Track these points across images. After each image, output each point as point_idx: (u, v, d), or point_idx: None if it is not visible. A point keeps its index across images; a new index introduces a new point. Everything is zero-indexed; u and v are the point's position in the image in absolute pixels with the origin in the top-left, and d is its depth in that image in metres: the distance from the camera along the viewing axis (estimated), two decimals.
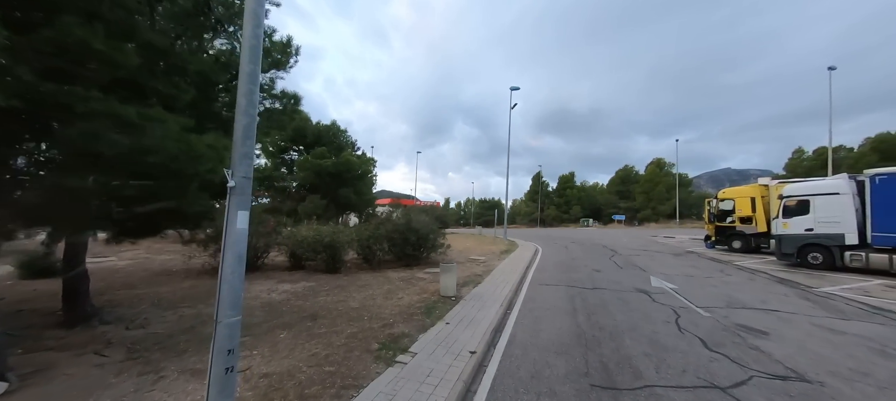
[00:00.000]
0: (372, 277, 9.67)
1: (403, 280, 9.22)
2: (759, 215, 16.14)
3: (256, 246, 10.36)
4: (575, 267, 11.93)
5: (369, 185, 22.87)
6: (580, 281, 9.45)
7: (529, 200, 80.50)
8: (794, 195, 12.41)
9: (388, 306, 6.62)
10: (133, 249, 17.30)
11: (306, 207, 17.42)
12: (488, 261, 12.98)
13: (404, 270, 10.73)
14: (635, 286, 8.76)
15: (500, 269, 11.13)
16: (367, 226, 11.56)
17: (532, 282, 9.45)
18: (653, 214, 60.21)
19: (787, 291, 8.52)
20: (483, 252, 15.97)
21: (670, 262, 13.30)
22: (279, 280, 9.37)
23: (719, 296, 7.81)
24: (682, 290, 8.36)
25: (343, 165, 19.39)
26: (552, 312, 6.54)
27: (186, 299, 7.30)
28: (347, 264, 11.65)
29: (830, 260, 11.41)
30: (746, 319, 6.12)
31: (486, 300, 7.15)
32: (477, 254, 15.22)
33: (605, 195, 74.05)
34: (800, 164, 54.25)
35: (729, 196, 17.60)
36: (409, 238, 11.25)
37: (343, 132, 23.38)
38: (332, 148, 20.89)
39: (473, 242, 21.69)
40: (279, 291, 8.03)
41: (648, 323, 5.84)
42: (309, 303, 6.97)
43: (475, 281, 9.09)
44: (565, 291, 8.32)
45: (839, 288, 8.82)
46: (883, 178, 10.39)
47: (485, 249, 17.18)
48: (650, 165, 68.05)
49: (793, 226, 12.32)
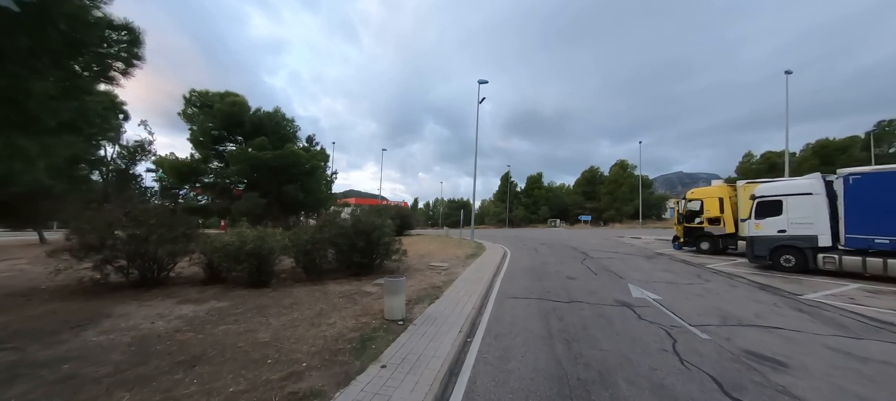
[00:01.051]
0: (307, 293, 7.93)
1: (345, 296, 7.58)
2: (728, 216, 16.05)
3: (157, 255, 8.26)
4: (546, 274, 10.83)
5: (321, 182, 20.53)
6: (554, 292, 8.29)
7: (498, 200, 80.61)
8: (767, 195, 12.13)
9: (309, 339, 5.00)
10: (11, 258, 14.22)
11: (242, 205, 15.04)
12: (451, 267, 11.59)
13: (351, 282, 9.07)
14: (615, 298, 7.72)
15: (464, 278, 9.77)
16: (307, 229, 9.76)
17: (499, 294, 8.17)
18: (617, 215, 62.06)
19: (774, 299, 7.83)
20: (447, 257, 14.59)
21: (644, 266, 12.62)
22: (182, 300, 7.40)
23: (709, 309, 6.91)
24: (667, 302, 7.41)
25: (287, 158, 17.05)
26: (524, 339, 5.23)
27: (22, 334, 5.25)
28: (282, 276, 9.80)
29: (803, 262, 11.15)
30: (752, 342, 5.14)
31: (443, 323, 5.72)
32: (440, 259, 13.80)
33: (571, 196, 75.62)
34: (749, 167, 58.05)
35: (697, 197, 17.48)
36: (356, 243, 9.59)
37: (289, 122, 20.92)
38: (276, 139, 18.40)
39: (438, 245, 20.27)
40: (171, 318, 6.13)
41: (643, 353, 4.68)
42: (201, 337, 5.18)
43: (432, 296, 7.64)
44: (538, 306, 7.09)
45: (822, 294, 8.30)
46: (857, 178, 10.18)
47: (449, 254, 15.81)
48: (614, 166, 70.29)
49: (765, 227, 12.02)
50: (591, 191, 71.67)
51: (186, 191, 20.81)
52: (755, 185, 15.17)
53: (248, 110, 19.71)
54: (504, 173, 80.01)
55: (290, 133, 20.91)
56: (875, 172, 10.03)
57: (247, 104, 19.82)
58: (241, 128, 19.33)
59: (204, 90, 19.54)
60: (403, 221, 32.48)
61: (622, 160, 69.36)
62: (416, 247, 19.49)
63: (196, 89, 19.22)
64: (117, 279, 8.34)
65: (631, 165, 68.20)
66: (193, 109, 19.88)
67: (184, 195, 21.50)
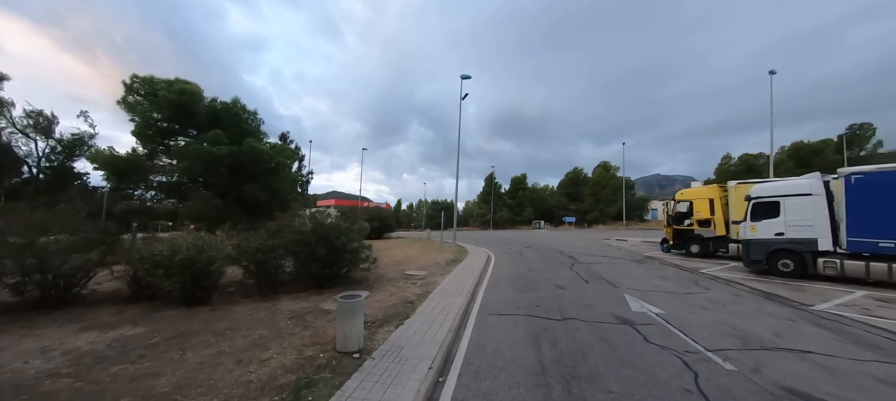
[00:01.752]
0: (250, 313, 6.63)
1: (296, 317, 6.33)
2: (718, 218, 15.56)
3: (61, 268, 6.76)
4: (534, 282, 9.85)
5: (287, 181, 18.73)
6: (544, 306, 7.28)
7: (482, 201, 80.00)
8: (764, 196, 11.56)
9: (225, 386, 3.76)
10: None
11: (192, 207, 13.26)
12: (429, 276, 10.45)
13: (309, 297, 7.80)
14: (613, 313, 6.78)
15: (442, 289, 8.65)
16: (257, 235, 8.41)
17: (482, 309, 7.09)
18: (600, 216, 62.37)
19: (787, 312, 7.07)
20: (425, 263, 13.42)
21: (636, 272, 11.83)
22: (87, 325, 5.98)
23: (720, 326, 6.03)
24: (672, 317, 6.51)
25: (245, 154, 15.34)
26: (511, 376, 4.15)
27: None
28: (229, 290, 8.42)
29: (802, 267, 10.59)
30: (787, 374, 4.23)
31: (410, 356, 4.59)
32: (417, 266, 12.62)
33: (555, 197, 75.78)
34: (728, 169, 59.41)
35: (686, 198, 16.96)
36: (316, 251, 8.30)
37: (251, 114, 18.70)
38: (234, 133, 16.66)
39: (417, 250, 19.08)
40: (55, 354, 4.74)
41: (662, 394, 3.68)
42: (78, 385, 3.86)
43: (402, 314, 6.49)
44: (526, 325, 6.05)
45: (833, 305, 7.62)
46: (859, 177, 9.65)
47: (428, 259, 14.66)
48: (597, 167, 70.77)
49: (762, 230, 11.44)
50: (575, 192, 71.94)
51: (142, 191, 18.82)
52: (748, 185, 14.70)
53: (202, 100, 17.42)
54: (488, 174, 79.51)
55: (252, 127, 18.91)
56: (879, 172, 9.52)
57: (200, 93, 17.49)
58: (192, 119, 17.05)
59: (148, 76, 17.22)
60: (382, 224, 31.12)
61: (605, 162, 69.92)
62: (393, 252, 18.25)
63: (139, 75, 17.23)
64: (10, 299, 6.80)
65: (614, 167, 68.89)
66: (136, 97, 17.40)
67: (139, 196, 19.47)
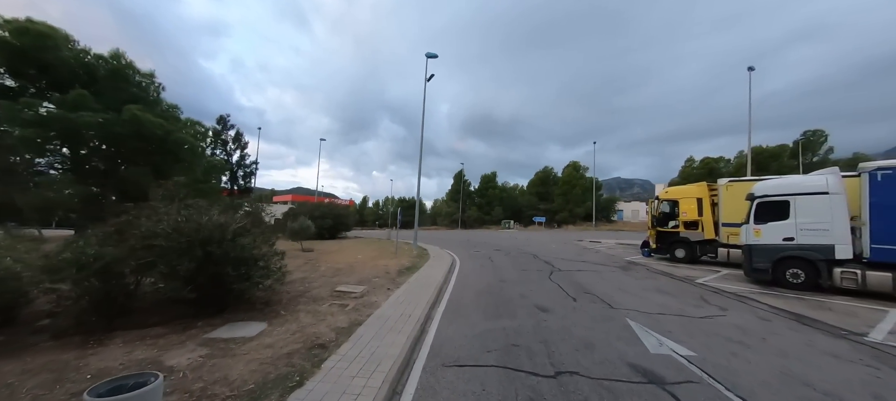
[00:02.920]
0: (17, 379, 3.80)
1: None
2: (707, 220, 14.22)
3: None
4: (508, 302, 7.60)
5: (197, 167, 14.82)
6: (525, 345, 5.02)
7: (451, 199, 78.03)
8: (771, 195, 10.08)
9: None
10: None
11: (35, 196, 9.52)
12: (369, 294, 7.90)
13: (166, 337, 5.03)
14: (627, 359, 4.62)
15: (380, 317, 6.15)
16: (90, 240, 5.49)
17: (433, 356, 4.70)
18: (570, 216, 62.33)
19: (846, 348, 5.26)
20: (372, 272, 10.84)
21: (628, 284, 9.98)
22: None
23: (789, 384, 4.03)
24: (711, 364, 4.46)
25: (126, 126, 11.73)
26: None
27: None
28: (39, 324, 5.45)
29: (814, 277, 9.16)
30: None
31: None
32: (359, 278, 10.01)
33: (525, 196, 75.28)
34: (691, 171, 61.30)
35: (672, 197, 15.57)
36: (179, 265, 5.45)
37: (145, 76, 14.50)
38: (112, 99, 12.72)
39: (371, 253, 16.40)
40: None
41: None
42: None
43: (302, 370, 3.94)
44: (501, 391, 3.73)
45: (885, 334, 5.98)
46: (887, 173, 8.27)
47: (378, 266, 12.08)
48: (567, 167, 70.98)
49: (767, 234, 9.95)
50: (545, 192, 71.76)
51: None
52: (743, 184, 13.42)
53: (59, 47, 12.49)
54: (457, 172, 77.61)
55: (142, 93, 14.09)
56: None
57: (58, 37, 12.55)
58: (46, 74, 12.30)
59: None
60: (337, 222, 27.97)
61: (575, 162, 70.23)
62: (339, 256, 15.47)
63: None
64: None
65: (583, 167, 69.33)
66: None
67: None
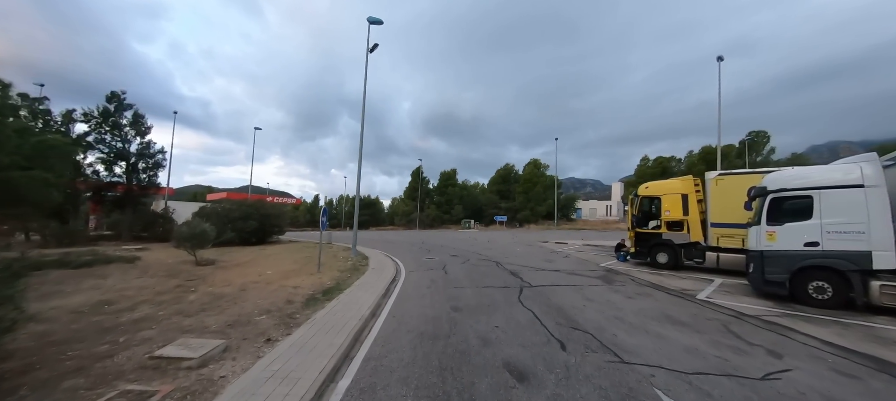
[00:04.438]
0: None
1: None
2: (693, 219, 12.50)
3: None
4: (461, 356, 4.81)
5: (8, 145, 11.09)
6: None
7: (408, 197, 74.71)
8: (790, 189, 8.24)
9: None
10: None
11: None
12: (225, 358, 4.69)
13: None
14: None
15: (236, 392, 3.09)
16: None
17: None
18: (531, 215, 61.65)
19: None
20: (271, 300, 7.56)
21: (621, 305, 7.64)
22: None
23: None
24: None
25: None
26: None
27: None
28: None
29: (844, 292, 7.39)
30: None
31: None
32: (240, 312, 6.71)
33: (486, 194, 73.90)
34: (646, 169, 63.14)
35: (653, 193, 13.74)
36: None
37: None
38: None
39: (290, 265, 12.95)
40: None
41: None
42: None
43: None
44: None
45: None
46: None
47: (286, 289, 8.79)
48: (528, 164, 70.50)
49: (784, 237, 8.09)
50: (506, 189, 70.79)
51: None
52: (738, 177, 11.77)
53: None
54: (415, 168, 74.40)
55: None
56: None
57: None
58: None
59: None
60: (264, 223, 23.75)
61: (535, 159, 69.97)
62: (246, 270, 11.90)
63: None
64: None
65: (543, 165, 69.22)
66: None
67: None
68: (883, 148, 12.34)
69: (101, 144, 24.37)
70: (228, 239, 21.70)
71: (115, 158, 24.83)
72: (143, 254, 16.06)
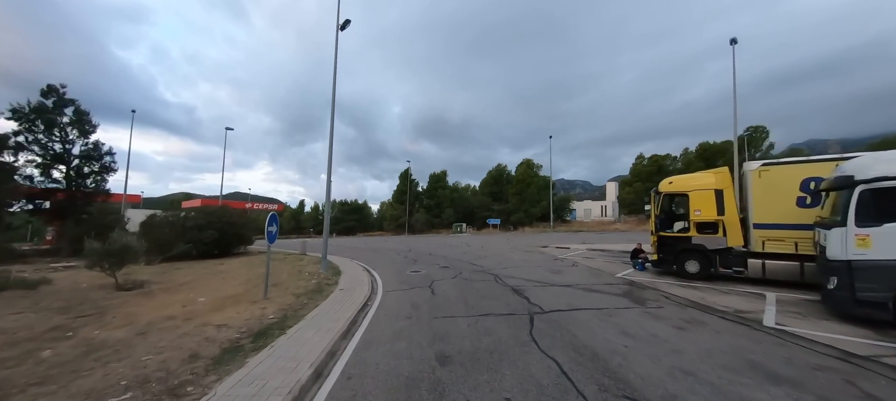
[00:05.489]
0: None
1: None
2: (731, 220, 10.53)
3: None
4: None
5: None
6: None
7: (397, 201, 72.23)
8: (892, 178, 6.28)
9: None
10: None
11: None
12: None
13: None
14: None
15: None
16: None
17: None
18: (526, 217, 59.80)
19: None
20: (184, 343, 5.25)
21: (669, 337, 5.52)
22: None
23: None
24: None
25: None
26: None
27: None
28: None
29: None
30: None
31: None
32: (121, 374, 4.42)
33: (478, 197, 71.90)
34: (642, 167, 62.00)
35: (678, 189, 11.70)
36: None
37: None
38: None
39: (238, 288, 10.56)
40: None
41: None
42: None
43: None
44: None
45: None
46: None
47: (205, 331, 6.45)
48: (521, 165, 68.69)
49: (883, 242, 6.11)
50: (499, 191, 68.89)
51: None
52: (788, 167, 9.86)
53: None
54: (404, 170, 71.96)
55: None
56: None
57: None
58: None
59: None
60: (226, 233, 21.08)
61: (528, 159, 68.19)
62: (177, 296, 9.48)
63: None
64: None
65: (536, 165, 67.52)
66: None
67: None
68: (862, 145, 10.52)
69: (36, 145, 21.43)
70: (184, 252, 19.05)
71: (53, 161, 21.90)
72: (63, 274, 13.44)
